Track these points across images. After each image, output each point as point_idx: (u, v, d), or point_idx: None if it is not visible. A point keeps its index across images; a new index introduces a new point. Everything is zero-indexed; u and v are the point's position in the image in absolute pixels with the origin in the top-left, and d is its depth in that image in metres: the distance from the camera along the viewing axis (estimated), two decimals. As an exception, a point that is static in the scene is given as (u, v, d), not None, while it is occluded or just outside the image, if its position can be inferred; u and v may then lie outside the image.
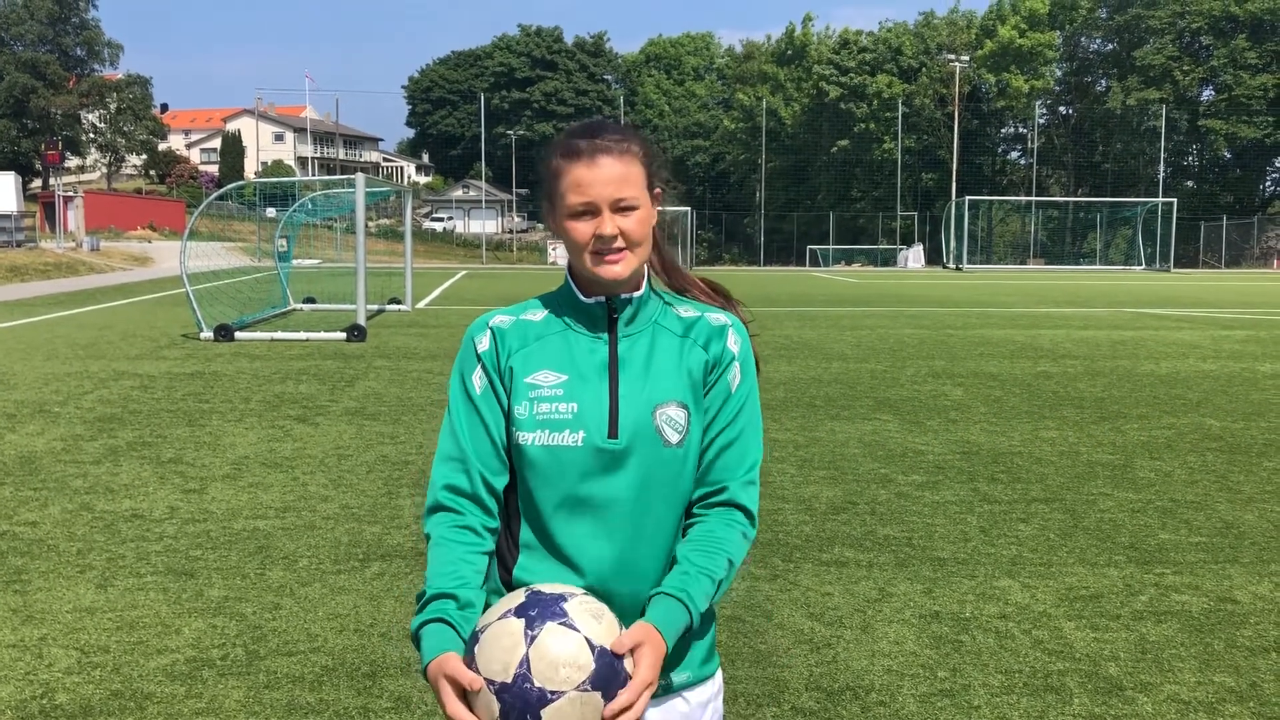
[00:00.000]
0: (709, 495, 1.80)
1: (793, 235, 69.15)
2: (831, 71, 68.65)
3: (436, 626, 1.62)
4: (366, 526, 5.67)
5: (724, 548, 1.75)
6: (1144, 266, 56.42)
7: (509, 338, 1.79)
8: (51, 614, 4.39)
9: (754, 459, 1.83)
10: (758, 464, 1.84)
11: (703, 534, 1.77)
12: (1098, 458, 7.49)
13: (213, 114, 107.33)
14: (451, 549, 1.72)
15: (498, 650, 1.48)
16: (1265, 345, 14.97)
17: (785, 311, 21.58)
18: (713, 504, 1.80)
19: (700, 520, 1.79)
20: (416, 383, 10.99)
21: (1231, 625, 4.32)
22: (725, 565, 1.74)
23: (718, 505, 1.80)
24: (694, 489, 1.80)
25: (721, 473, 1.79)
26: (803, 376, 11.53)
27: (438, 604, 1.64)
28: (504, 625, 1.50)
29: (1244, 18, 61.94)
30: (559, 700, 1.46)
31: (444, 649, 1.57)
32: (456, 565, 1.70)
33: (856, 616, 4.40)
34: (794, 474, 6.93)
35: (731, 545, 1.76)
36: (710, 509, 1.80)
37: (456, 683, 1.51)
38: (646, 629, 1.59)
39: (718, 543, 1.75)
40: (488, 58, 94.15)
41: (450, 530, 1.74)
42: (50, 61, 70.83)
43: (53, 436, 8.07)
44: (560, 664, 1.47)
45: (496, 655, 1.48)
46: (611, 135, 1.76)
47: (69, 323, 17.74)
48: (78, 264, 34.92)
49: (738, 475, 1.80)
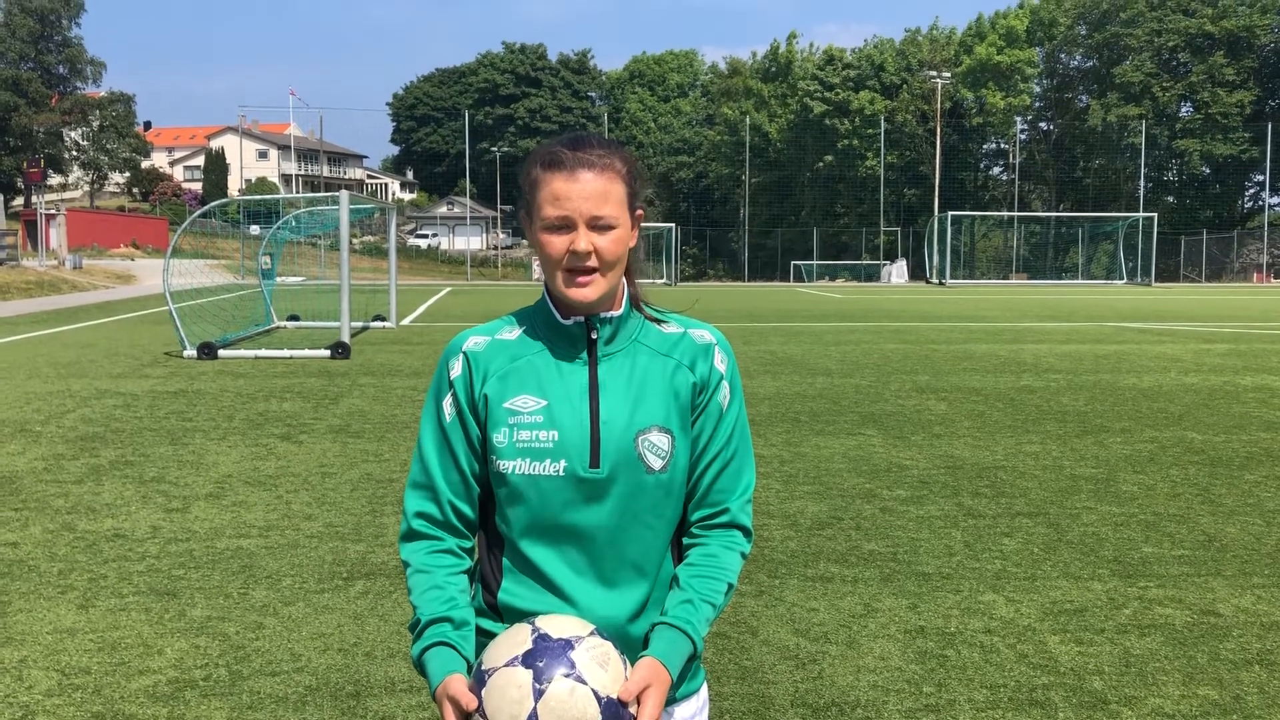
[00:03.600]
0: (710, 516, 1.80)
1: (777, 251, 69.39)
2: (816, 88, 69.02)
3: (439, 650, 1.64)
4: (351, 545, 5.65)
5: (725, 573, 1.76)
6: (1125, 281, 56.80)
7: (483, 361, 1.76)
8: (32, 635, 4.35)
9: (749, 477, 1.83)
10: (753, 481, 1.85)
11: (704, 558, 1.77)
12: (1081, 471, 7.52)
13: (196, 131, 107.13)
14: (433, 574, 1.73)
15: (505, 702, 1.50)
16: (1246, 359, 15.08)
17: (770, 327, 21.62)
18: (714, 525, 1.80)
19: (701, 543, 1.79)
20: (401, 400, 10.96)
21: (1214, 638, 4.34)
22: (725, 590, 1.75)
23: (719, 527, 1.80)
24: (690, 511, 1.80)
25: (720, 494, 1.80)
26: (787, 392, 11.55)
27: (435, 629, 1.66)
28: (512, 675, 1.51)
29: (1221, 35, 62.62)
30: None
31: (449, 670, 1.61)
32: (443, 588, 1.71)
33: (842, 632, 4.40)
34: (779, 489, 6.93)
35: (732, 569, 1.77)
36: (711, 530, 1.80)
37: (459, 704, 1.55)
38: (653, 667, 1.60)
39: (720, 569, 1.76)
40: (472, 74, 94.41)
41: (429, 556, 1.75)
42: (32, 79, 70.65)
43: (34, 456, 8.01)
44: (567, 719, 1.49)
45: (504, 707, 1.50)
46: (595, 150, 1.71)
47: (51, 341, 17.63)
48: (60, 282, 34.73)
49: (736, 495, 1.81)
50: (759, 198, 73.64)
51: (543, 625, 1.58)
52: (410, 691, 3.82)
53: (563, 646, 1.54)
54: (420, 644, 1.66)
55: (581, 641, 1.55)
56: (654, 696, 1.57)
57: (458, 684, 1.57)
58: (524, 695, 1.49)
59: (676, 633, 1.66)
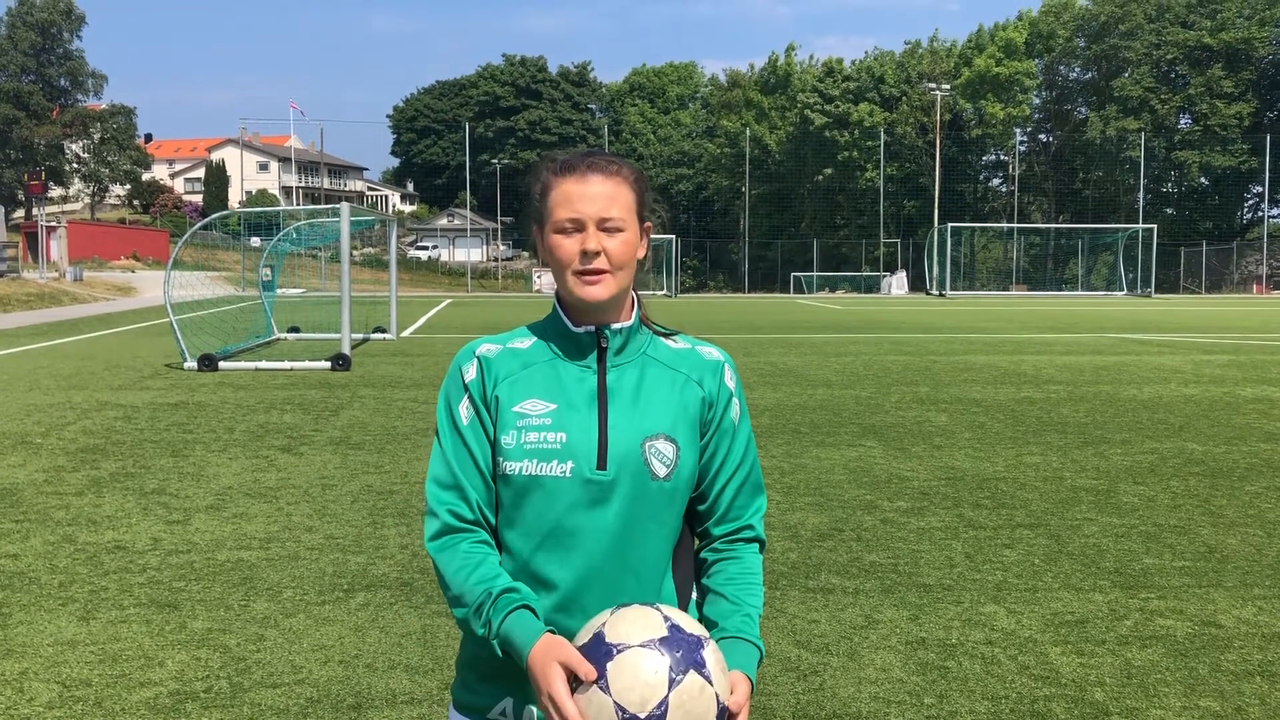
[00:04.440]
0: (735, 532, 1.86)
1: (777, 262, 69.50)
2: (816, 100, 69.17)
3: (522, 614, 1.61)
4: (351, 557, 5.65)
5: (760, 584, 1.84)
6: (1125, 292, 56.85)
7: (495, 366, 1.79)
8: (32, 647, 4.35)
9: (763, 497, 1.90)
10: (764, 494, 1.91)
11: (742, 573, 1.84)
12: (1081, 483, 7.53)
13: (197, 143, 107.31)
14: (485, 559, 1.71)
15: (638, 682, 1.48)
16: (1246, 370, 15.08)
17: (769, 338, 21.64)
18: (738, 540, 1.86)
19: (734, 557, 1.85)
20: (401, 412, 10.96)
21: (1216, 650, 4.34)
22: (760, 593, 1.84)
23: (743, 541, 1.86)
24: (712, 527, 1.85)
25: (741, 510, 1.85)
26: (787, 403, 11.55)
27: (508, 596, 1.64)
28: (647, 656, 1.50)
29: (1219, 47, 62.80)
30: None
31: (543, 631, 1.58)
32: (496, 569, 1.70)
33: (843, 644, 4.40)
34: (780, 501, 6.93)
35: (761, 580, 1.86)
36: (735, 544, 1.86)
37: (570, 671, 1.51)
38: (748, 684, 1.67)
39: (756, 582, 1.84)
40: (472, 87, 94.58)
41: (472, 546, 1.73)
42: (34, 92, 70.86)
43: (35, 468, 8.02)
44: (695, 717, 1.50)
45: (636, 686, 1.48)
46: (605, 158, 1.79)
47: (52, 353, 17.65)
48: (61, 294, 34.77)
49: (755, 510, 1.87)
50: (759, 209, 73.77)
51: (672, 615, 1.56)
52: (411, 703, 3.81)
53: (696, 643, 1.54)
54: (498, 612, 1.62)
55: (708, 644, 1.56)
56: (746, 709, 1.64)
57: (568, 649, 1.52)
58: (659, 681, 1.48)
59: (750, 646, 1.74)
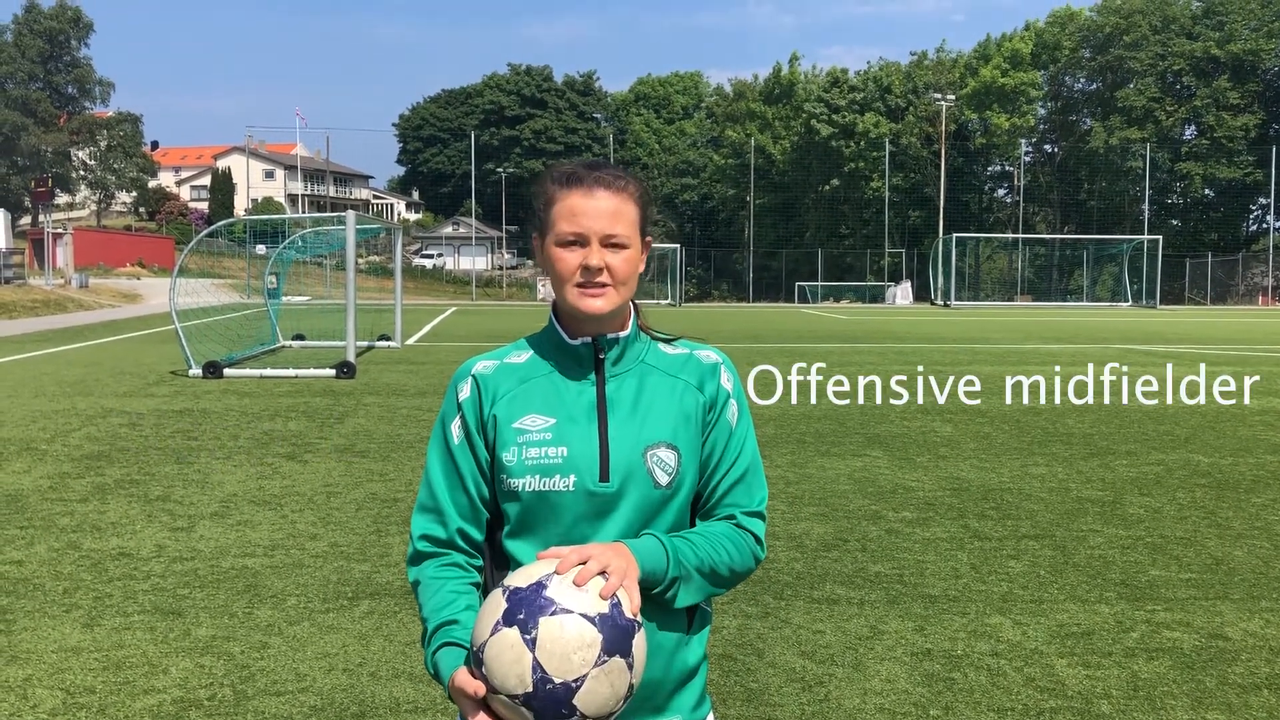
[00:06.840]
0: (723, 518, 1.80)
1: (781, 272, 69.50)
2: (822, 110, 69.23)
3: (448, 650, 1.64)
4: (355, 564, 5.64)
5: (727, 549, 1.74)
6: (1130, 303, 56.79)
7: (492, 384, 1.78)
8: (37, 654, 4.34)
9: (761, 495, 1.84)
10: (764, 500, 1.85)
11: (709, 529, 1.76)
12: (1087, 494, 7.50)
13: (203, 151, 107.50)
14: (443, 584, 1.74)
15: (504, 666, 1.48)
16: (1253, 382, 15.02)
17: (774, 348, 21.62)
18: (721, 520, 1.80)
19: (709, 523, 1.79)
20: (406, 420, 10.97)
21: (1223, 662, 4.32)
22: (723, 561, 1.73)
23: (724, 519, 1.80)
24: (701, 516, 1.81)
25: (730, 508, 1.80)
26: (792, 413, 11.54)
27: (443, 631, 1.66)
28: (501, 640, 1.49)
29: (1225, 59, 62.83)
30: (585, 684, 1.47)
31: (456, 666, 1.59)
32: (452, 597, 1.71)
33: (848, 654, 4.38)
34: (784, 510, 6.92)
35: (736, 551, 1.75)
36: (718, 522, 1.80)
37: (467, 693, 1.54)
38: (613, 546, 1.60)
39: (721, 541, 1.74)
40: (478, 96, 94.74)
41: (437, 569, 1.76)
42: (41, 99, 71.08)
43: (40, 474, 8.02)
44: (570, 653, 1.47)
45: (508, 672, 1.48)
46: (611, 171, 1.76)
47: (57, 360, 17.67)
48: (66, 301, 34.84)
49: (745, 508, 1.81)
50: (764, 219, 73.79)
51: (510, 582, 1.55)
52: (415, 712, 3.81)
53: (535, 590, 1.51)
54: (430, 648, 1.66)
55: (551, 578, 1.53)
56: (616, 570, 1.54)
57: (463, 675, 1.55)
58: (519, 652, 1.47)
59: (656, 541, 1.67)
